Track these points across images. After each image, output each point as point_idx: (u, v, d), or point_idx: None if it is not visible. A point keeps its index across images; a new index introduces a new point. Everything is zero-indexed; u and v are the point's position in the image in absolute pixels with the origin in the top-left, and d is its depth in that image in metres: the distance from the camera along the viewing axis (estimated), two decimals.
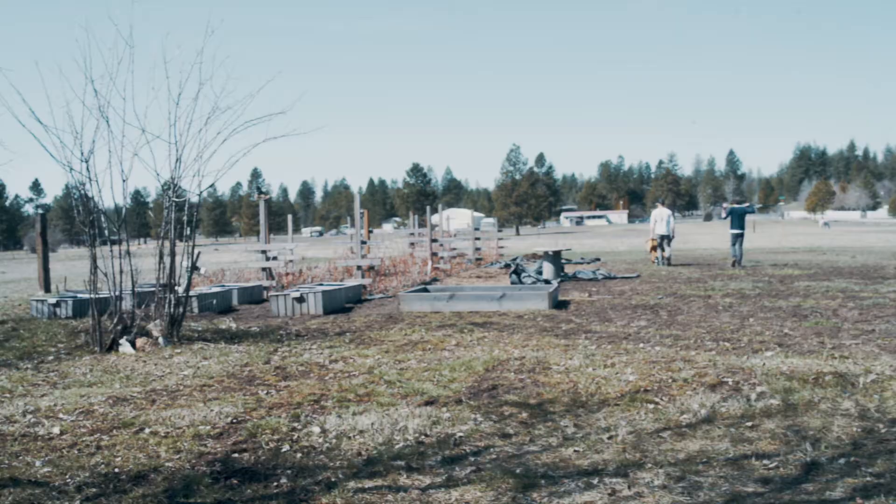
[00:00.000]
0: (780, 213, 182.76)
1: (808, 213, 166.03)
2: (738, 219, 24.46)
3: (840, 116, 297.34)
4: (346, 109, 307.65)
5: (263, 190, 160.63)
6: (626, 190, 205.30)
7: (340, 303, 15.15)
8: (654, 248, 26.13)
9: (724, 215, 25.14)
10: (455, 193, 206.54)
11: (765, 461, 4.95)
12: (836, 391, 6.77)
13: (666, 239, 25.57)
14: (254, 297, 17.02)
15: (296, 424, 6.06)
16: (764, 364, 8.00)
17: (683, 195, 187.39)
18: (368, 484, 4.68)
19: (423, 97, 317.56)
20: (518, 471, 4.87)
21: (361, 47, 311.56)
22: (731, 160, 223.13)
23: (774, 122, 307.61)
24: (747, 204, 25.30)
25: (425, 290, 15.74)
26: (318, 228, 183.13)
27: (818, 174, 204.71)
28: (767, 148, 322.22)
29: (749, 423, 5.85)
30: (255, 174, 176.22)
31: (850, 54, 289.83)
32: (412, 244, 30.01)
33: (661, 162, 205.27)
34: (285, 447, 5.47)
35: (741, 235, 24.58)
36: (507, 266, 25.48)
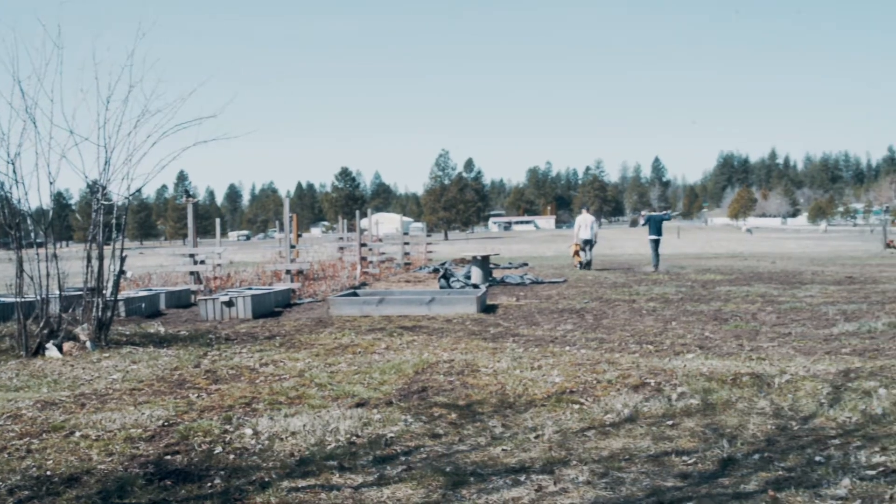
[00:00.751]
0: (703, 220, 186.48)
1: (731, 219, 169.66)
2: (655, 225, 26.11)
3: (762, 125, 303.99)
4: (275, 112, 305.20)
5: (191, 193, 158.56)
6: (554, 195, 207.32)
7: (270, 307, 15.15)
8: (577, 253, 26.87)
9: (642, 222, 26.77)
10: (384, 198, 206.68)
11: (684, 457, 5.17)
12: (753, 391, 7.05)
13: (589, 244, 26.54)
14: (182, 301, 16.91)
15: (228, 427, 6.11)
16: (685, 366, 8.27)
17: (610, 201, 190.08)
18: (302, 483, 4.77)
19: (353, 101, 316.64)
20: (448, 469, 5.01)
21: (290, 50, 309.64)
22: (657, 167, 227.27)
23: (699, 130, 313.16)
24: (664, 212, 27.01)
25: (355, 295, 15.80)
26: (246, 232, 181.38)
27: (741, 181, 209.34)
28: (692, 155, 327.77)
29: (670, 422, 6.08)
30: (182, 177, 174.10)
31: (771, 64, 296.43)
32: (341, 248, 30.00)
33: (588, 168, 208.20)
34: (218, 449, 5.53)
35: (659, 241, 26.14)
36: (436, 271, 25.61)
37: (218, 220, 24.58)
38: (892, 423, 5.90)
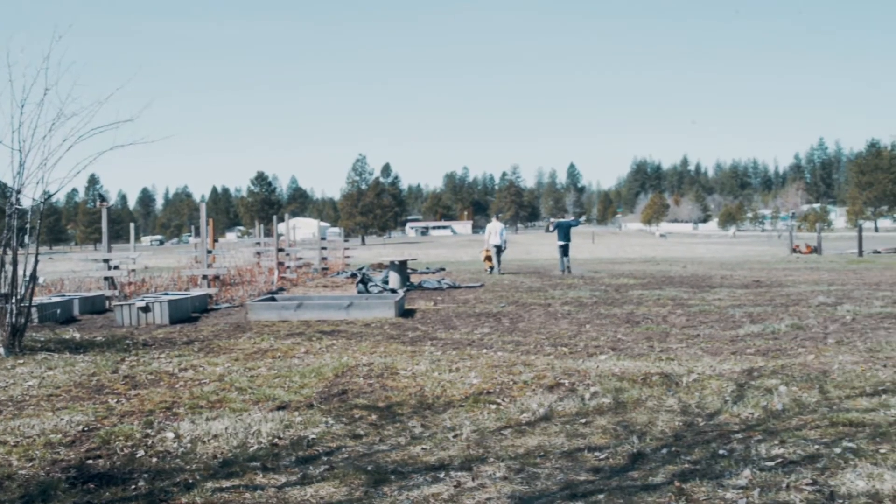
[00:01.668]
0: (617, 225, 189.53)
1: (644, 224, 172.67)
2: (564, 232, 27.60)
3: (674, 132, 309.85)
4: (190, 115, 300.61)
5: (105, 198, 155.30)
6: (471, 201, 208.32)
7: (187, 312, 15.05)
8: (487, 258, 28.22)
9: (551, 228, 28.56)
10: (301, 202, 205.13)
11: (596, 453, 5.40)
12: (662, 390, 7.34)
13: (499, 249, 27.53)
14: (96, 306, 16.69)
15: (149, 431, 6.14)
16: (598, 366, 8.53)
17: (526, 206, 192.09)
18: (226, 484, 4.86)
19: (269, 105, 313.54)
20: (369, 468, 5.15)
21: (205, 54, 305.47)
22: (572, 173, 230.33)
23: (613, 137, 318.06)
24: (572, 219, 28.69)
25: (273, 300, 15.80)
26: (159, 237, 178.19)
27: (654, 188, 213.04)
28: (606, 162, 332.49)
29: (583, 420, 6.32)
30: (93, 181, 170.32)
31: (681, 72, 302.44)
32: (258, 253, 29.86)
33: (504, 174, 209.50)
34: (140, 452, 5.57)
35: (567, 246, 27.53)
36: (354, 276, 25.69)
37: (132, 225, 24.27)
38: (791, 417, 6.24)
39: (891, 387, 7.26)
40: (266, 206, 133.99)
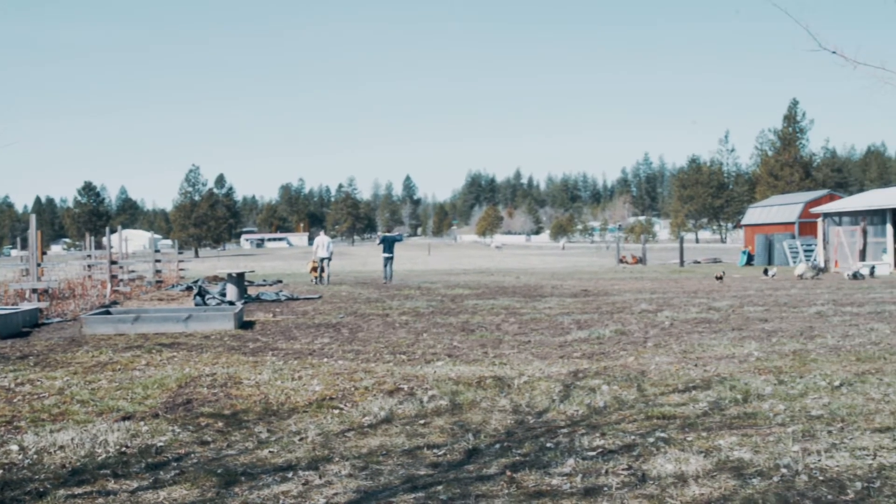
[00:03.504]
0: (453, 237, 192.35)
1: (479, 236, 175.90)
2: (388, 245, 29.97)
3: (507, 146, 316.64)
4: (9, 122, 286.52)
5: None
6: (307, 213, 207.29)
7: (17, 327, 14.66)
8: (314, 269, 29.69)
9: (377, 242, 31.08)
10: (131, 214, 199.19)
11: (435, 450, 5.80)
12: (495, 392, 7.84)
13: (326, 260, 29.34)
14: None
15: None
16: (435, 372, 8.98)
17: (362, 219, 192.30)
18: (78, 490, 4.99)
19: (97, 113, 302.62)
20: (219, 471, 5.37)
21: (31, 57, 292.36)
22: (408, 185, 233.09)
23: (449, 150, 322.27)
24: (397, 233, 31.02)
25: (108, 313, 15.56)
26: None
27: (488, 200, 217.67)
28: (441, 174, 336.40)
29: (422, 421, 6.72)
30: None
31: (511, 88, 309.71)
32: (89, 266, 29.05)
33: (340, 185, 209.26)
34: None
35: (391, 258, 29.94)
36: (190, 288, 25.43)
37: None
38: (611, 413, 6.85)
39: (700, 384, 8.01)
40: (94, 217, 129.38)
